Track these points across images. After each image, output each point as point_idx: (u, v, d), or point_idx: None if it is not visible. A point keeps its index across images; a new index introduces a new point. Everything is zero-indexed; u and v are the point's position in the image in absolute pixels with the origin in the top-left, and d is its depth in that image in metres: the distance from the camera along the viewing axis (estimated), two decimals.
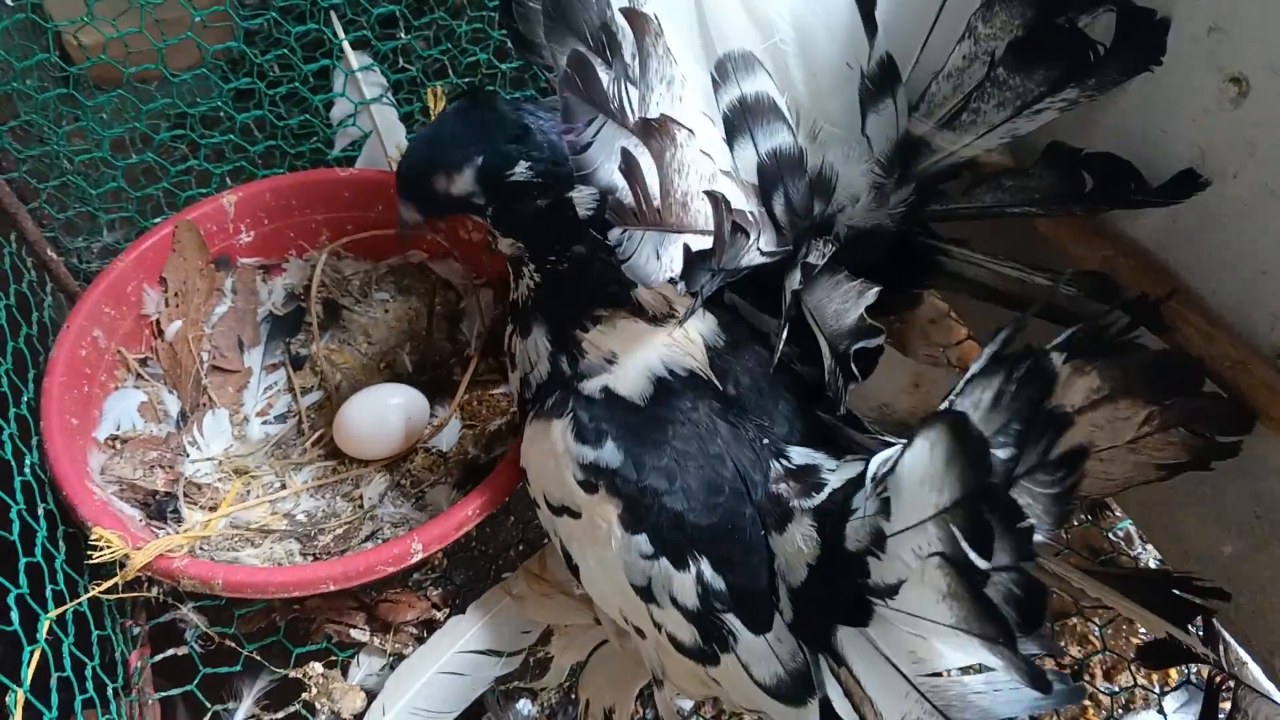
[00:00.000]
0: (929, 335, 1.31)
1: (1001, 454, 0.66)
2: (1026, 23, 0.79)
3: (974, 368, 0.70)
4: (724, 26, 0.85)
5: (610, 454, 0.88)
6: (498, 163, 0.88)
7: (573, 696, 1.17)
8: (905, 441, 0.70)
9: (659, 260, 0.76)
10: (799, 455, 0.88)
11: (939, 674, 0.75)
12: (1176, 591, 0.89)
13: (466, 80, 1.54)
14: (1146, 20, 0.78)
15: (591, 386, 0.92)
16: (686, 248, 0.77)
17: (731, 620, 0.86)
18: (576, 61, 0.71)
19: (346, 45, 1.42)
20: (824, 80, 0.87)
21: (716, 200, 0.80)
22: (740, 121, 0.85)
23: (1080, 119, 0.86)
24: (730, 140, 0.85)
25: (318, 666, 1.11)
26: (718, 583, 0.86)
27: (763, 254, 0.87)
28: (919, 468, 0.67)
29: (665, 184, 0.76)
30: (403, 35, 1.52)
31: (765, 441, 0.89)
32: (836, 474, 0.86)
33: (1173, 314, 0.84)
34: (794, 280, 0.89)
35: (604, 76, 0.72)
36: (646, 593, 0.88)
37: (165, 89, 1.38)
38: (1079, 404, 0.76)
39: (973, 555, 0.63)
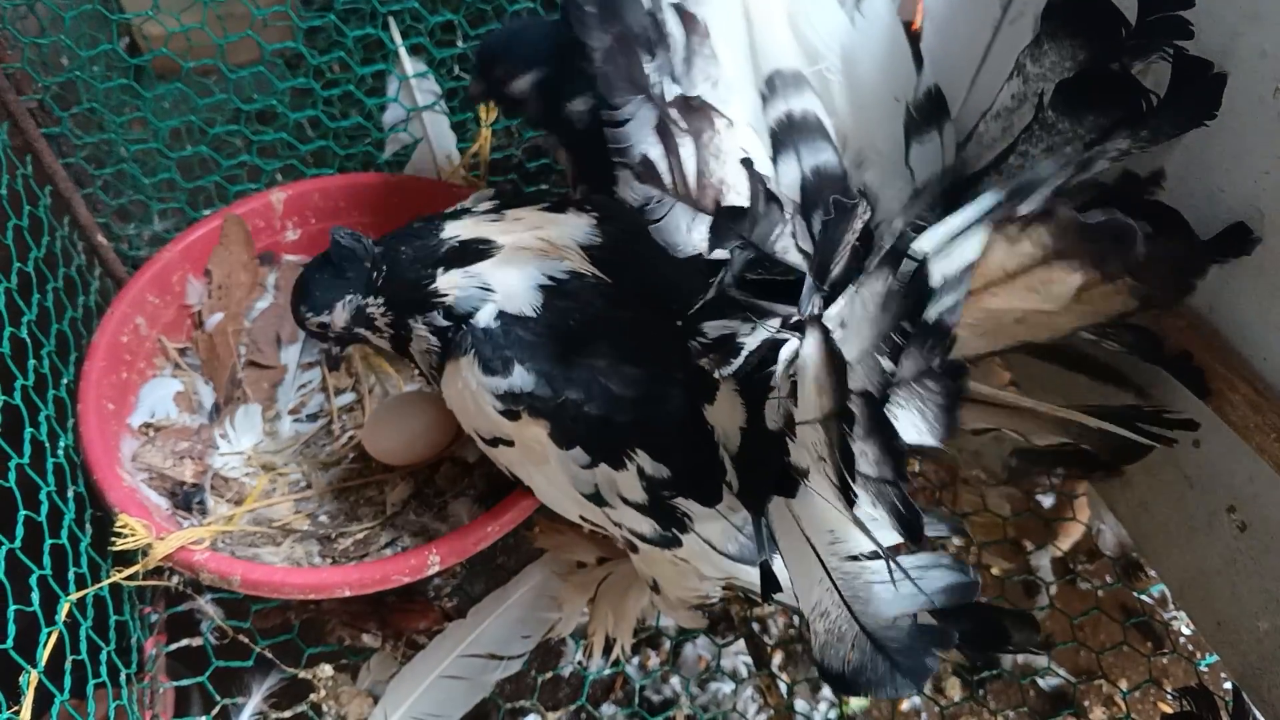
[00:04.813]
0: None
1: (884, 364, 0.64)
2: (1077, 64, 0.77)
3: (871, 264, 0.70)
4: (770, 47, 0.85)
5: (521, 378, 0.87)
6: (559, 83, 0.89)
7: (582, 716, 1.17)
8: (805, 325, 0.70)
9: (688, 234, 0.77)
10: (713, 329, 0.84)
11: (855, 557, 0.76)
12: (1143, 425, 0.87)
13: None
14: (1203, 72, 0.74)
15: (484, 317, 0.90)
16: (719, 211, 0.77)
17: (683, 502, 0.87)
18: (621, 40, 0.71)
19: (403, 51, 1.44)
20: (871, 112, 0.86)
21: (751, 168, 0.79)
22: (787, 137, 0.85)
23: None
24: (775, 155, 0.85)
25: (328, 669, 1.12)
26: (661, 471, 0.86)
27: (801, 252, 0.85)
28: (809, 366, 0.68)
29: (702, 164, 0.76)
30: (460, 44, 1.52)
31: (677, 323, 0.86)
32: (752, 336, 0.82)
33: (1219, 380, 0.81)
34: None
35: (648, 65, 0.73)
36: (597, 498, 0.90)
37: (223, 84, 1.40)
38: (1012, 268, 0.71)
39: (844, 472, 0.65)
